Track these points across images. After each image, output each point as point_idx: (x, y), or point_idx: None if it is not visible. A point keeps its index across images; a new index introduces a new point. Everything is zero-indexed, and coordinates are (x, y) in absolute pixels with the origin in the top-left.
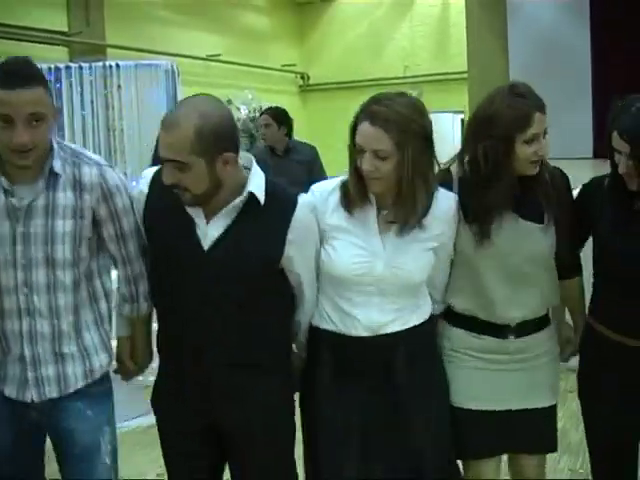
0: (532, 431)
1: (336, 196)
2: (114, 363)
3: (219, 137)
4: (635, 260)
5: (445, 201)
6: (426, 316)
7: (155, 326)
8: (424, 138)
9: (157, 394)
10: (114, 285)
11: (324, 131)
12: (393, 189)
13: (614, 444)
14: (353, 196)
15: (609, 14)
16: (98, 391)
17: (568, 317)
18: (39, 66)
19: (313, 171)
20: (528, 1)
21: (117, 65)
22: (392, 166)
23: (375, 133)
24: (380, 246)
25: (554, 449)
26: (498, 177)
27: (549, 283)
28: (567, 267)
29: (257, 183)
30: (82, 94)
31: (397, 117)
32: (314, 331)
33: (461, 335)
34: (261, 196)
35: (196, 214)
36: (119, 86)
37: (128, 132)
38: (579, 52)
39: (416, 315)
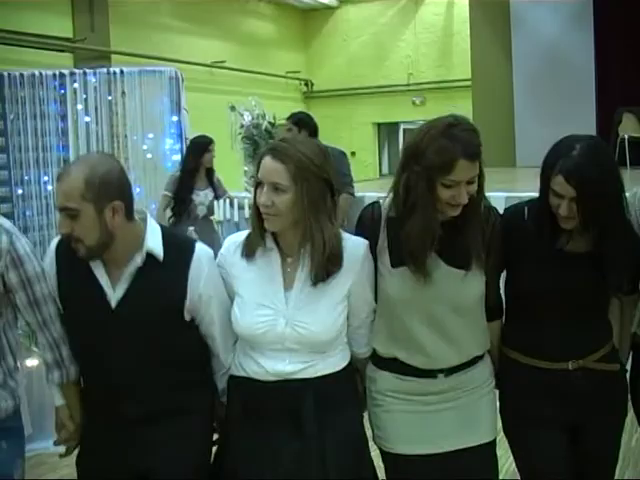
0: (471, 470)
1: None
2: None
3: (107, 185)
4: (563, 295)
5: (355, 247)
6: (342, 364)
7: None
8: (324, 181)
9: (82, 453)
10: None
11: (327, 137)
12: (295, 232)
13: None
14: (252, 239)
15: (613, 23)
16: (10, 426)
17: None
18: (43, 72)
19: (337, 175)
20: (532, 11)
21: (121, 71)
22: (289, 201)
23: (274, 166)
24: (283, 302)
25: None
26: (415, 210)
27: (481, 329)
28: (493, 310)
29: (154, 239)
30: (86, 100)
31: (297, 154)
32: (231, 381)
33: (386, 377)
34: (159, 252)
35: (100, 274)
36: (123, 92)
37: (132, 138)
38: (583, 61)
39: (329, 364)
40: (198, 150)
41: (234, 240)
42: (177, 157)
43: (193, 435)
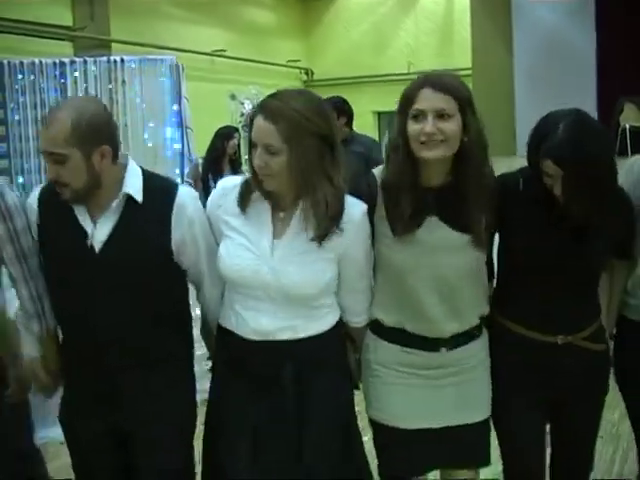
0: (465, 446)
1: (236, 193)
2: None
3: (95, 129)
4: (559, 266)
5: (353, 210)
6: (325, 327)
7: None
8: (321, 138)
9: (64, 408)
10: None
11: None
12: (290, 189)
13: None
14: (247, 194)
15: (615, 15)
16: None
17: None
18: (44, 61)
19: (370, 163)
20: (533, 1)
21: (122, 60)
22: (282, 162)
23: (266, 127)
24: (268, 250)
25: (487, 462)
26: (395, 154)
27: (482, 294)
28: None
29: (133, 183)
30: (87, 89)
31: (289, 113)
32: (218, 329)
33: (389, 349)
34: (138, 195)
35: (83, 218)
36: (124, 81)
37: (132, 127)
38: (584, 51)
39: (312, 326)
40: (222, 137)
41: (225, 185)
42: (178, 146)
43: (176, 386)
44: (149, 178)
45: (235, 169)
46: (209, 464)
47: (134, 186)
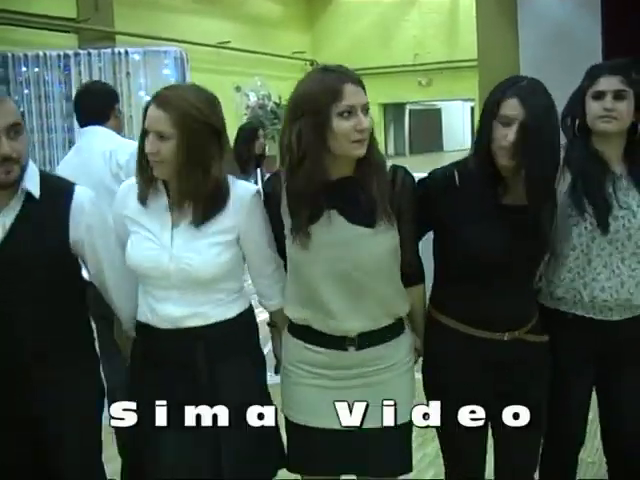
0: (382, 452)
1: (136, 190)
2: None
3: None
4: (502, 260)
5: (242, 192)
6: (234, 313)
7: None
8: (210, 129)
9: None
10: None
11: None
12: (181, 176)
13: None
14: (146, 188)
15: (621, 7)
16: None
17: None
18: (48, 53)
19: None
20: None
21: (126, 52)
22: (172, 149)
23: (157, 114)
24: (168, 239)
25: (408, 470)
26: (310, 158)
27: (392, 292)
28: (410, 274)
29: (31, 179)
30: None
31: (180, 101)
32: (136, 326)
33: (297, 347)
34: (36, 191)
35: None
36: (128, 73)
37: (137, 119)
38: (591, 43)
39: (221, 311)
40: (246, 141)
41: (127, 184)
42: None
43: (81, 381)
44: (46, 177)
45: (259, 165)
46: (130, 456)
47: (32, 183)
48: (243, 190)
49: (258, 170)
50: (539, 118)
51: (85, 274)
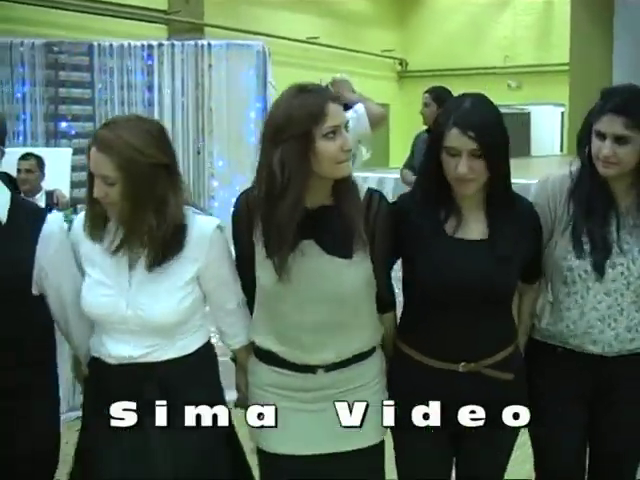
0: (356, 473)
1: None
2: None
3: None
4: (459, 288)
5: (203, 227)
6: (192, 348)
7: None
8: (156, 167)
9: None
10: None
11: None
12: (136, 216)
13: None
14: (97, 224)
15: None
16: None
17: None
18: (132, 43)
19: None
20: None
21: (209, 44)
22: (119, 191)
23: (100, 158)
24: (126, 284)
25: None
26: (295, 186)
27: (367, 323)
28: (382, 301)
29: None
30: (173, 72)
31: (121, 145)
32: (90, 360)
33: (265, 371)
34: (3, 215)
35: None
36: (210, 65)
37: (217, 112)
38: None
39: (177, 347)
40: None
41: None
42: None
43: (33, 418)
44: (17, 200)
45: None
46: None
47: (1, 205)
48: (203, 225)
49: None
50: (486, 141)
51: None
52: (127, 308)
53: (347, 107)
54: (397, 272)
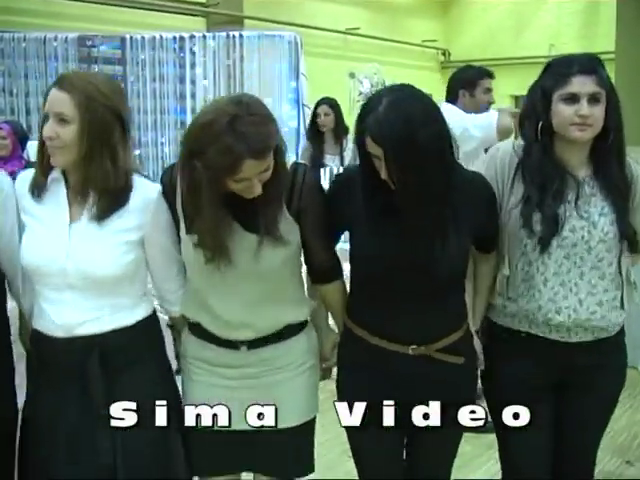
0: (276, 453)
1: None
2: None
3: None
4: (393, 264)
5: (147, 190)
6: (134, 320)
7: None
8: (113, 114)
9: None
10: None
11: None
12: (81, 166)
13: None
14: (40, 177)
15: None
16: None
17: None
18: (164, 35)
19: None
20: None
21: (240, 35)
22: (74, 133)
23: (59, 96)
24: (66, 235)
25: (305, 473)
26: (202, 211)
27: (289, 299)
28: (322, 271)
29: None
30: (205, 64)
31: (85, 84)
32: (32, 331)
33: (192, 343)
34: None
35: None
36: (242, 56)
37: None
38: None
39: (120, 317)
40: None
41: (28, 172)
42: (294, 123)
43: None
44: None
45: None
46: (25, 466)
47: None
48: (147, 188)
49: None
50: (395, 152)
51: None
52: (67, 259)
53: (320, 165)
54: None
